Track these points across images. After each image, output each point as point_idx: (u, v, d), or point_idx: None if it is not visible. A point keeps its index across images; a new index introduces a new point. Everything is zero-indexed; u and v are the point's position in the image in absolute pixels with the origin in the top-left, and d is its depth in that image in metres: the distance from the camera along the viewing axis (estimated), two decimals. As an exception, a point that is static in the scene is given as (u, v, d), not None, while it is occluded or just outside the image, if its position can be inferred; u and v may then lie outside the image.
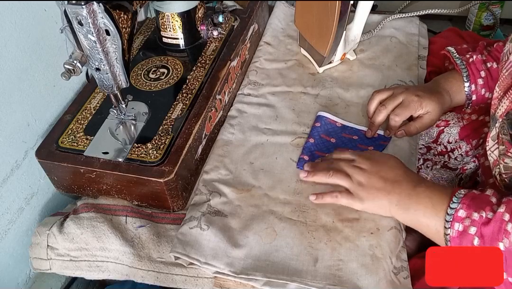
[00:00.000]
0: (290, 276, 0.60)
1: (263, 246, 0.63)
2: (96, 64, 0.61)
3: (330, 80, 0.87)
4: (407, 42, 0.94)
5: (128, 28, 0.62)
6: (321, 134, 0.76)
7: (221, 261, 0.62)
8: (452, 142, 0.81)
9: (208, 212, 0.67)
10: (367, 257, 0.60)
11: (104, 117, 0.72)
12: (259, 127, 0.79)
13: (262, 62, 0.91)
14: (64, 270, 0.68)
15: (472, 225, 0.53)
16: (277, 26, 0.99)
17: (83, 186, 0.71)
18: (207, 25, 0.84)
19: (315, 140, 0.75)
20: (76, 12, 0.55)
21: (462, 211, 0.54)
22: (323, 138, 0.75)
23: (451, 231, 0.55)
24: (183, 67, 0.80)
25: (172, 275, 0.65)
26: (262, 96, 0.84)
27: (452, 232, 0.54)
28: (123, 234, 0.67)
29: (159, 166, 0.66)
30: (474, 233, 0.53)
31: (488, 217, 0.53)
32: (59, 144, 0.69)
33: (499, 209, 0.53)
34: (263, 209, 0.67)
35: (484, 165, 0.72)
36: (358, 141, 0.75)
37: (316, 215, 0.65)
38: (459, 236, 0.54)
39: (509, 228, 0.51)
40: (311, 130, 0.77)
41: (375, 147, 0.74)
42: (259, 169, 0.72)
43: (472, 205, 0.55)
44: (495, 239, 0.52)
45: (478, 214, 0.53)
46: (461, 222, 0.54)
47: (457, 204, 0.55)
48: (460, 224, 0.54)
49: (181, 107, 0.73)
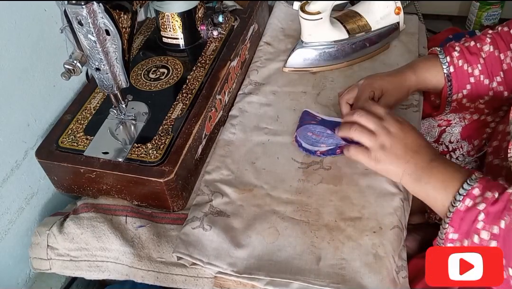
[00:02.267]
0: (293, 275, 0.60)
1: (265, 246, 0.63)
2: (96, 64, 0.61)
3: (331, 80, 0.87)
4: (407, 41, 0.94)
5: (128, 28, 0.62)
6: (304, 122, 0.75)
7: (224, 261, 0.62)
8: (453, 142, 0.81)
9: (211, 212, 0.67)
10: (370, 256, 0.60)
11: (104, 117, 0.72)
12: (260, 127, 0.79)
13: (262, 62, 0.91)
14: (64, 270, 0.68)
15: (483, 202, 0.53)
16: (277, 26, 0.99)
17: (83, 186, 0.70)
18: (207, 25, 0.84)
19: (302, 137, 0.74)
20: (76, 12, 0.55)
21: (477, 190, 0.54)
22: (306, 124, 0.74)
23: (459, 204, 0.54)
24: (183, 67, 0.80)
25: (172, 275, 0.65)
26: (263, 96, 0.84)
27: (461, 206, 0.54)
28: (123, 234, 0.67)
29: (159, 166, 0.65)
30: (482, 208, 0.53)
31: (496, 197, 0.53)
32: (59, 144, 0.69)
33: (508, 190, 0.53)
34: (265, 209, 0.67)
35: (492, 164, 0.72)
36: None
37: (318, 214, 0.65)
38: (466, 210, 0.54)
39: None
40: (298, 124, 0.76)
41: None
42: (261, 169, 0.72)
43: (488, 186, 0.55)
44: (497, 217, 0.52)
45: (491, 193, 0.53)
46: (473, 199, 0.54)
47: (475, 182, 0.55)
48: (471, 201, 0.54)
49: (181, 107, 0.73)
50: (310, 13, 0.82)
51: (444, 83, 0.75)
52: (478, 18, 1.11)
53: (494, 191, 0.54)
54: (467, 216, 0.54)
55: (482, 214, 0.53)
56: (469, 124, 0.81)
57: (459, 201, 0.55)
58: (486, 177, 0.57)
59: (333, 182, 0.69)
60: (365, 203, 0.66)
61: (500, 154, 0.69)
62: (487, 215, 0.53)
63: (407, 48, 0.92)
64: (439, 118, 0.83)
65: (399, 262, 0.62)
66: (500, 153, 0.70)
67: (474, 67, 0.72)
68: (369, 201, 0.66)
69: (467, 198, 0.54)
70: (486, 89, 0.73)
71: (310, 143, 0.73)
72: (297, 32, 0.96)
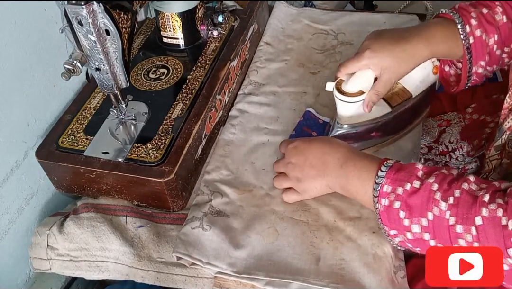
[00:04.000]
0: (292, 275, 0.60)
1: (265, 246, 0.63)
2: (96, 64, 0.61)
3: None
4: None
5: (128, 28, 0.62)
6: (304, 127, 0.77)
7: (223, 261, 0.62)
8: (453, 142, 0.81)
9: (210, 212, 0.67)
10: (369, 256, 0.60)
11: (104, 117, 0.72)
12: (260, 127, 0.79)
13: (262, 62, 0.91)
14: (64, 270, 0.68)
15: (397, 199, 0.54)
16: (277, 26, 0.99)
17: (83, 186, 0.70)
18: (207, 25, 0.84)
19: (296, 132, 0.76)
20: (76, 12, 0.55)
21: (387, 186, 0.55)
22: (305, 130, 0.76)
23: (379, 206, 0.55)
24: (183, 67, 0.80)
25: (172, 275, 0.65)
26: (263, 96, 0.84)
27: (380, 207, 0.55)
28: (123, 234, 0.67)
29: (159, 166, 0.65)
30: (398, 207, 0.53)
31: (415, 187, 0.53)
32: (59, 144, 0.69)
33: (428, 180, 0.53)
34: (264, 209, 0.67)
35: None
36: None
37: (317, 215, 0.65)
38: (386, 210, 0.55)
39: (438, 197, 0.51)
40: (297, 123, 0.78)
41: None
42: (261, 169, 0.72)
43: (397, 179, 0.54)
44: (424, 209, 0.52)
45: (402, 188, 0.54)
46: (386, 197, 0.55)
47: (382, 178, 0.55)
48: (386, 199, 0.55)
49: (181, 107, 0.73)
50: (351, 95, 0.67)
51: (464, 56, 0.66)
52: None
53: (405, 184, 0.53)
54: (390, 215, 0.55)
55: (401, 212, 0.53)
56: (468, 124, 0.81)
57: (377, 203, 0.56)
58: (396, 164, 0.56)
59: (332, 182, 0.69)
60: (364, 203, 0.66)
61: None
62: (408, 210, 0.53)
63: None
64: (439, 118, 0.83)
65: (397, 262, 0.62)
66: None
67: (490, 37, 0.66)
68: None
69: (382, 198, 0.55)
70: (497, 60, 0.69)
71: None
72: (297, 32, 0.97)
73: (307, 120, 0.78)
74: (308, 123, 0.78)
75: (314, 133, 0.76)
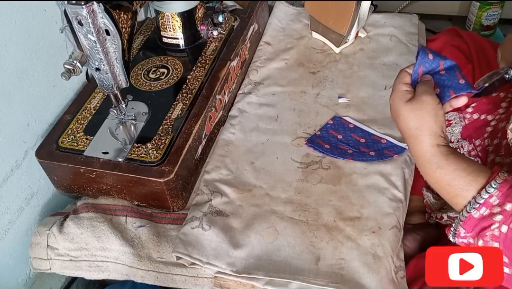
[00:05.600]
0: (292, 275, 0.60)
1: (265, 246, 0.63)
2: (96, 64, 0.61)
3: (331, 80, 0.87)
4: (407, 41, 0.94)
5: (128, 28, 0.62)
6: (330, 130, 0.77)
7: (223, 261, 0.62)
8: (454, 142, 0.81)
9: (210, 212, 0.67)
10: (369, 256, 0.60)
11: (104, 117, 0.72)
12: (259, 127, 0.79)
13: (262, 62, 0.91)
14: (64, 270, 0.68)
15: (501, 213, 0.50)
16: (277, 26, 0.99)
17: (83, 186, 0.70)
18: (207, 25, 0.84)
19: (321, 132, 0.77)
20: (76, 12, 0.55)
21: (495, 198, 0.51)
22: (331, 133, 0.76)
23: (475, 212, 0.52)
24: (183, 67, 0.80)
25: (172, 275, 0.65)
26: (262, 96, 0.84)
27: (475, 214, 0.52)
28: (123, 234, 0.67)
29: (159, 166, 0.65)
30: (499, 220, 0.50)
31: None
32: (59, 144, 0.69)
33: None
34: (264, 209, 0.67)
35: (493, 162, 0.71)
36: (363, 144, 0.75)
37: (317, 214, 0.65)
38: (480, 218, 0.52)
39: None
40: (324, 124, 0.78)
41: (377, 153, 0.74)
42: (260, 169, 0.72)
43: (508, 195, 0.51)
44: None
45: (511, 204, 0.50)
46: (489, 208, 0.51)
47: (494, 189, 0.51)
48: (488, 210, 0.51)
49: (181, 107, 0.73)
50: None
51: None
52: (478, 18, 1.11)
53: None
54: (480, 224, 0.52)
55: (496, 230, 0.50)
56: (469, 124, 0.81)
57: (474, 208, 0.52)
58: (510, 179, 0.52)
59: (332, 182, 0.69)
60: (364, 203, 0.66)
61: (500, 152, 0.69)
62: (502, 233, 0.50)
63: (407, 48, 0.92)
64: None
65: (397, 262, 0.62)
66: (500, 150, 0.70)
67: None
68: (368, 201, 0.66)
69: (483, 207, 0.52)
70: None
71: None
72: (297, 32, 0.97)
73: (336, 124, 0.78)
74: (336, 127, 0.78)
75: (340, 136, 0.76)
